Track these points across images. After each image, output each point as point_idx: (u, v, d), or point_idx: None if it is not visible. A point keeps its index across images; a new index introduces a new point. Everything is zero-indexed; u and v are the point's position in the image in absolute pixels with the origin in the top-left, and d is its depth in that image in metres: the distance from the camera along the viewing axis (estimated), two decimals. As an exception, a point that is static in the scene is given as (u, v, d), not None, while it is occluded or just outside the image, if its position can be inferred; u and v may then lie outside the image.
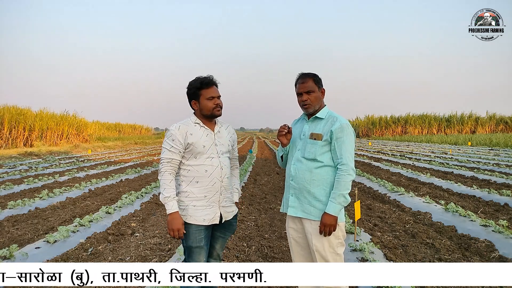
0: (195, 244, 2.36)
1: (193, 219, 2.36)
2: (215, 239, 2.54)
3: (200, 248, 2.38)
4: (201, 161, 2.39)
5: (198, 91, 2.42)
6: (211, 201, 2.41)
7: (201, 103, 2.42)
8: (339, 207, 2.26)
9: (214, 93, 2.43)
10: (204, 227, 2.39)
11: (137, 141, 37.56)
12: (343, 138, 2.32)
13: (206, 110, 2.42)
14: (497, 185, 8.12)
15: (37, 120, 25.03)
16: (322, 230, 2.29)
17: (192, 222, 2.36)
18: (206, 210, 2.39)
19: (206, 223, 2.38)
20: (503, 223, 4.55)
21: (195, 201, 2.38)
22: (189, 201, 2.38)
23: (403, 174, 10.20)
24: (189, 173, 2.40)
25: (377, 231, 4.82)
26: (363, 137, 50.31)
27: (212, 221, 2.41)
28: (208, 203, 2.40)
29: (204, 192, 2.39)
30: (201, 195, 2.39)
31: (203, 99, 2.42)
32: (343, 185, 2.26)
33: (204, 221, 2.37)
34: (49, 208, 6.24)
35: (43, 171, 11.55)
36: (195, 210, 2.37)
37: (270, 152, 22.03)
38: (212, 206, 2.42)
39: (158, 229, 5.07)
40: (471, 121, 46.35)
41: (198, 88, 2.41)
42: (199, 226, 2.38)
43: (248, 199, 7.03)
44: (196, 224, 2.36)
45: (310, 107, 2.41)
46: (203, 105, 2.42)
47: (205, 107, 2.42)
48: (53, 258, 3.86)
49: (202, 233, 2.39)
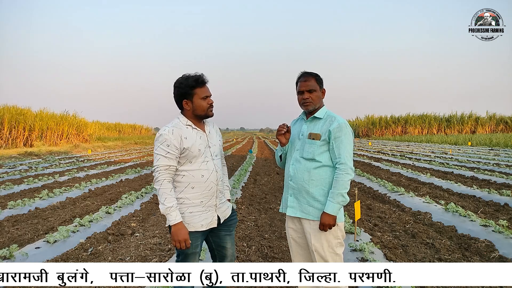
0: (190, 251, 2.30)
1: (190, 226, 2.27)
2: (222, 240, 2.47)
3: (195, 254, 2.34)
4: (196, 165, 2.28)
5: (191, 90, 2.27)
6: (208, 206, 2.33)
7: (195, 102, 2.28)
8: (338, 206, 2.26)
9: (208, 92, 2.32)
10: (201, 233, 2.34)
11: (137, 141, 37.56)
12: (341, 137, 2.32)
13: (201, 110, 2.30)
14: (497, 185, 8.12)
15: (37, 120, 25.04)
16: (321, 230, 2.30)
17: (190, 230, 2.27)
18: (203, 215, 2.32)
19: (204, 229, 2.32)
20: (503, 223, 4.55)
21: (191, 207, 2.29)
22: (185, 208, 2.28)
23: (403, 174, 10.20)
24: (184, 179, 2.28)
25: (377, 231, 4.82)
26: (363, 137, 50.29)
27: (210, 225, 2.35)
28: (205, 208, 2.32)
29: (201, 198, 2.30)
30: (198, 200, 2.30)
31: (197, 99, 2.28)
32: (342, 184, 2.26)
33: (202, 227, 2.31)
34: (49, 208, 6.24)
35: (43, 171, 11.55)
36: (192, 217, 2.28)
37: (270, 152, 22.03)
38: (209, 210, 2.34)
39: (158, 229, 5.07)
40: (471, 121, 46.34)
41: (192, 86, 2.26)
42: (197, 233, 2.31)
43: (248, 199, 7.03)
44: (193, 231, 2.29)
45: (310, 105, 2.41)
46: (197, 105, 2.28)
47: (199, 107, 2.29)
48: (53, 258, 3.86)
49: (199, 239, 2.34)
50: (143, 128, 63.49)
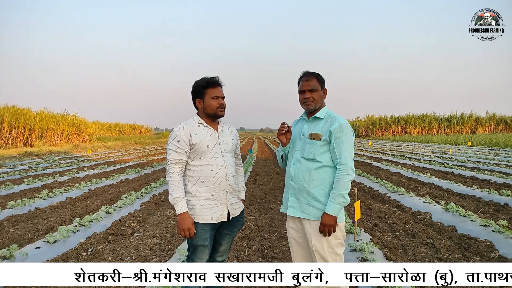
0: (200, 243, 2.40)
1: (201, 218, 2.39)
2: (221, 237, 2.57)
3: (204, 247, 2.43)
4: (205, 161, 2.42)
5: (203, 89, 2.45)
6: (218, 200, 2.45)
7: (206, 101, 2.45)
8: (338, 207, 2.26)
9: (219, 93, 2.47)
10: (210, 226, 2.43)
11: (137, 141, 37.56)
12: (342, 138, 2.32)
13: (210, 109, 2.45)
14: (497, 185, 8.12)
15: (37, 120, 25.03)
16: (321, 230, 2.30)
17: (200, 221, 2.39)
18: (214, 209, 2.43)
19: (214, 221, 2.42)
20: (503, 223, 4.55)
21: (202, 200, 2.41)
22: (197, 201, 2.41)
23: (403, 174, 10.20)
24: (194, 173, 2.43)
25: (377, 231, 4.82)
26: (363, 137, 50.29)
27: (220, 218, 2.45)
28: (216, 202, 2.44)
29: (211, 192, 2.42)
30: (208, 194, 2.42)
31: (208, 98, 2.44)
32: (342, 185, 2.26)
33: (212, 220, 2.41)
34: (49, 208, 6.24)
35: (43, 171, 11.55)
36: (202, 209, 2.40)
37: (270, 152, 22.03)
38: (220, 204, 2.45)
39: (158, 229, 5.07)
40: (471, 121, 46.34)
41: (203, 86, 2.44)
42: (206, 225, 2.41)
43: (248, 199, 7.03)
44: (203, 223, 2.40)
45: (311, 104, 2.42)
46: (207, 103, 2.44)
47: (209, 106, 2.44)
48: (53, 258, 3.86)
49: (208, 232, 2.43)
50: (143, 128, 63.48)
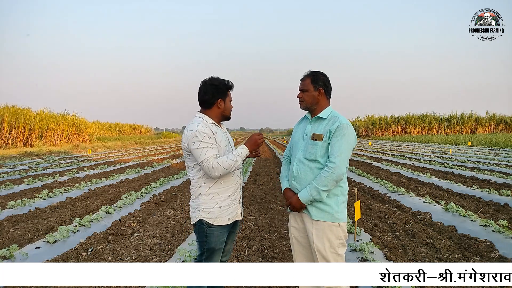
0: (218, 246, 2.40)
1: (219, 221, 2.39)
2: (228, 236, 2.57)
3: (220, 250, 2.44)
4: None
5: (227, 91, 2.48)
6: (233, 199, 2.47)
7: (226, 103, 2.48)
8: (309, 197, 2.31)
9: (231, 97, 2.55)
10: (226, 228, 2.44)
11: (137, 141, 37.55)
12: (339, 137, 2.30)
13: (228, 111, 2.51)
14: (497, 185, 8.12)
15: (37, 120, 25.04)
16: (287, 204, 2.44)
17: (219, 224, 2.38)
18: (230, 209, 2.44)
19: (230, 222, 2.44)
20: (503, 223, 4.55)
21: (220, 201, 2.41)
22: (215, 203, 2.39)
23: (403, 174, 10.20)
24: None
25: (377, 231, 4.82)
26: (363, 137, 50.29)
27: (235, 218, 2.48)
28: (231, 202, 2.46)
29: (229, 192, 2.44)
30: (226, 194, 2.42)
31: (228, 101, 2.49)
32: (322, 180, 2.26)
33: (229, 221, 2.44)
34: (49, 208, 6.24)
35: (43, 171, 11.55)
36: (221, 212, 2.39)
37: (270, 152, 22.03)
38: (234, 204, 2.48)
39: (158, 229, 5.08)
40: (471, 121, 46.35)
41: (228, 88, 2.48)
42: (224, 227, 2.42)
43: (248, 199, 7.02)
44: (221, 225, 2.40)
45: (302, 104, 2.50)
46: (227, 106, 2.49)
47: (228, 109, 2.50)
48: (53, 258, 3.86)
49: (225, 234, 2.45)
50: (143, 128, 63.47)
